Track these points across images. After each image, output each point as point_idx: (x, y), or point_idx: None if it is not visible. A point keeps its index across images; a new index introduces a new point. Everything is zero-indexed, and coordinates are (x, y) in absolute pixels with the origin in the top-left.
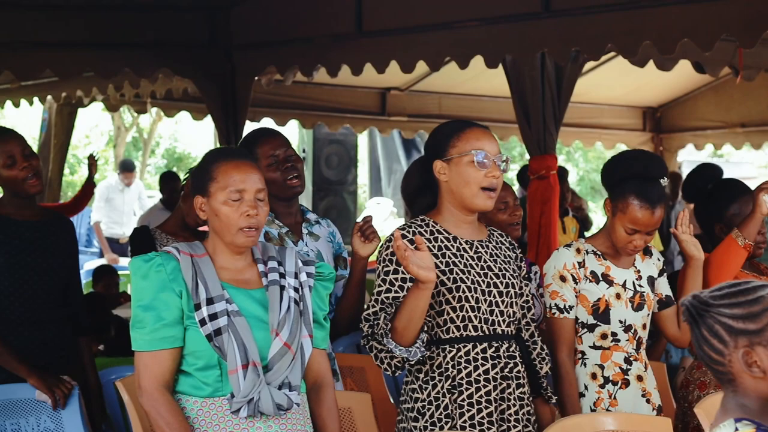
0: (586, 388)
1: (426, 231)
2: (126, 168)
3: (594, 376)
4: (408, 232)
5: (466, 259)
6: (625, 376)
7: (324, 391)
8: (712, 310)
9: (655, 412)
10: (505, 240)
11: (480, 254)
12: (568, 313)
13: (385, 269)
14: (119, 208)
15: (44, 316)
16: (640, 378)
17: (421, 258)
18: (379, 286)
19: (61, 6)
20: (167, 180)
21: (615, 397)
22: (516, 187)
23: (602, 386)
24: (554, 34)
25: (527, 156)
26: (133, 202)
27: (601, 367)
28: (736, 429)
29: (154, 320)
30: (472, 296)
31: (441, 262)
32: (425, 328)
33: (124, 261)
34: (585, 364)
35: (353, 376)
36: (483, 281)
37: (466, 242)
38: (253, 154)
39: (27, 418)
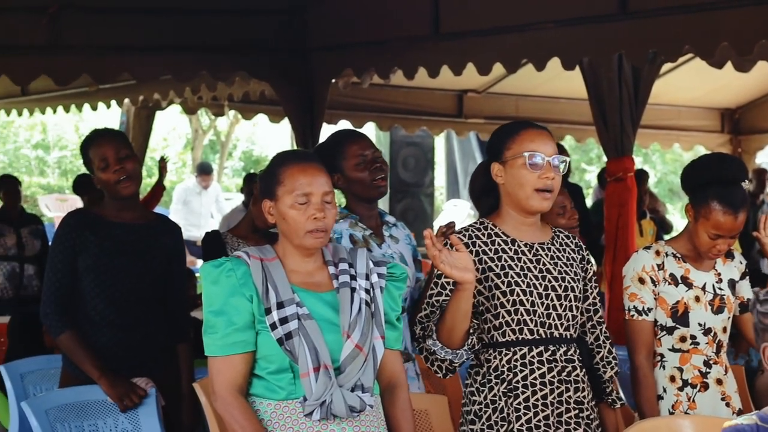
0: (664, 390)
1: (483, 234)
2: (203, 171)
3: (673, 378)
4: (464, 235)
5: (524, 262)
6: (704, 379)
7: (397, 392)
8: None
9: (735, 415)
10: (571, 242)
11: (539, 257)
12: (647, 315)
13: (438, 272)
14: (196, 210)
15: (133, 319)
16: (719, 381)
17: (458, 258)
18: (432, 289)
19: (138, 10)
20: (247, 182)
21: (693, 400)
22: (593, 188)
23: (681, 389)
24: (631, 36)
25: (605, 158)
26: (211, 205)
27: (680, 369)
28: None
29: (226, 325)
30: (528, 300)
31: (497, 266)
32: (471, 331)
33: (201, 263)
34: (664, 367)
35: (431, 378)
36: (540, 284)
37: (525, 245)
38: (341, 153)
39: (104, 419)
